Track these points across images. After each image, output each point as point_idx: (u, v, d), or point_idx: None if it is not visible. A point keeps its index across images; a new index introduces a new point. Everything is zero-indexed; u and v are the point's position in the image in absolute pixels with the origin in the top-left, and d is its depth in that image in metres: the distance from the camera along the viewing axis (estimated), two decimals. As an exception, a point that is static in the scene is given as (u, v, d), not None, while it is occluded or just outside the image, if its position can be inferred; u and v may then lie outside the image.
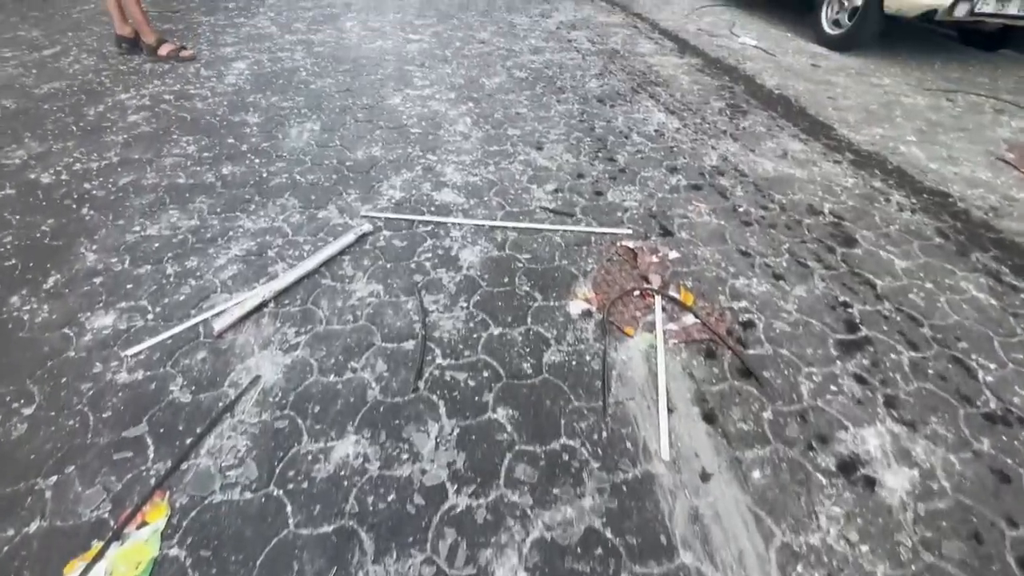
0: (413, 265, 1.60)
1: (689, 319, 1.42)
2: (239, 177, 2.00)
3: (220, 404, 1.16)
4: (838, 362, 1.33)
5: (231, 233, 1.70)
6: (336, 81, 2.92)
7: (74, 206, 1.81)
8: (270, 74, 2.99)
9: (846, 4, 3.59)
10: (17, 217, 1.76)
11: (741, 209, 1.92)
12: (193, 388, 1.20)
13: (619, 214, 1.87)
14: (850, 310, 1.49)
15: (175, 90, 2.74)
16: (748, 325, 1.41)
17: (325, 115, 2.53)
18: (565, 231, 1.77)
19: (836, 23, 3.70)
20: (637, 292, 1.50)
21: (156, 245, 1.64)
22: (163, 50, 3.10)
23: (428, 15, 4.25)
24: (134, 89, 2.73)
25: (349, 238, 1.66)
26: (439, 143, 2.32)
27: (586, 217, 1.85)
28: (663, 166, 2.20)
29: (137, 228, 1.71)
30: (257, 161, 2.11)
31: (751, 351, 1.34)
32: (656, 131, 2.49)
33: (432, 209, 1.87)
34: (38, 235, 1.68)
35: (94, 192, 1.89)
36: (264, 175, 2.02)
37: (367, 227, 1.72)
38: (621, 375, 1.26)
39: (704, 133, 2.49)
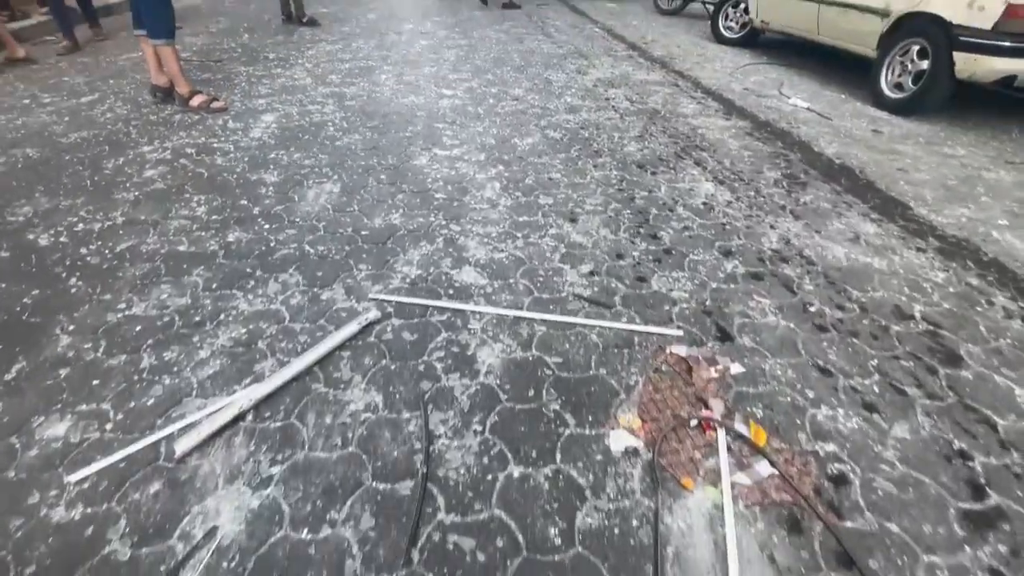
0: (422, 366, 1.35)
1: (763, 467, 1.11)
2: (244, 246, 1.83)
3: (161, 569, 0.91)
4: (966, 547, 0.99)
5: (222, 316, 1.50)
6: (363, 138, 2.81)
7: (64, 275, 1.66)
8: (297, 128, 2.91)
9: (909, 67, 3.35)
10: (3, 285, 1.61)
11: (813, 308, 1.63)
12: (136, 538, 0.96)
13: (666, 307, 1.61)
14: (970, 463, 1.16)
15: (199, 143, 2.66)
16: (840, 480, 1.10)
17: (347, 175, 2.38)
18: (603, 327, 1.50)
19: (898, 86, 3.45)
20: (695, 422, 1.21)
21: (138, 328, 1.45)
22: (195, 101, 3.08)
23: (463, 70, 4.21)
24: (158, 141, 2.67)
25: (352, 328, 1.43)
26: (464, 211, 2.12)
27: (627, 310, 1.59)
28: (715, 248, 1.93)
29: (122, 305, 1.54)
30: (267, 227, 1.95)
31: (849, 524, 1.02)
32: (704, 204, 2.24)
33: (450, 292, 1.64)
34: (18, 309, 1.52)
35: (89, 259, 1.74)
36: (271, 244, 1.85)
37: (374, 314, 1.50)
38: (679, 555, 0.96)
39: (760, 208, 2.23)
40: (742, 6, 5.17)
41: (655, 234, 2.00)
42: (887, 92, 3.51)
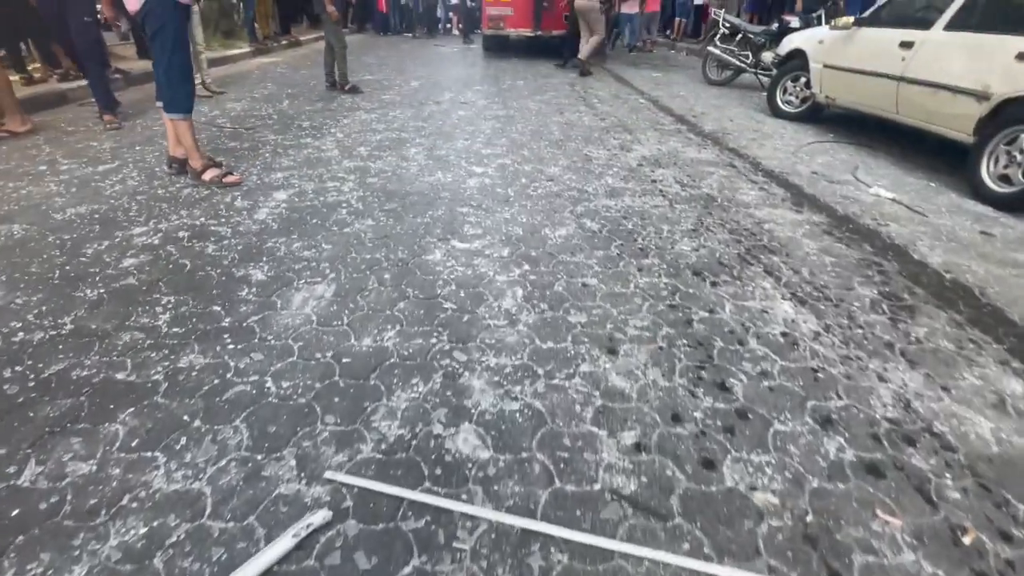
0: (376, 626, 0.89)
1: None
2: (194, 378, 1.46)
3: None
4: None
5: (125, 499, 1.10)
6: (376, 224, 2.50)
7: (-37, 410, 1.32)
8: (307, 209, 2.64)
9: (1019, 157, 2.82)
10: None
11: (967, 539, 1.08)
12: None
13: (748, 524, 1.09)
14: None
15: (196, 225, 2.41)
16: None
17: (346, 273, 2.04)
18: (654, 561, 1.01)
19: (1005, 179, 2.91)
20: None
21: (14, 513, 1.07)
22: (208, 175, 2.89)
23: (498, 143, 3.97)
24: (154, 221, 2.43)
25: (284, 545, 1.00)
26: (475, 329, 1.71)
27: (691, 524, 1.09)
28: (808, 410, 1.42)
29: (11, 468, 1.17)
30: (231, 347, 1.59)
31: None
32: (785, 335, 1.75)
33: (438, 471, 1.19)
34: None
35: (6, 386, 1.41)
36: (228, 375, 1.47)
37: (322, 516, 1.06)
38: None
39: (859, 345, 1.71)
40: (803, 80, 4.81)
41: (723, 382, 1.51)
42: (991, 184, 2.97)
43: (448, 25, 16.98)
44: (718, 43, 6.85)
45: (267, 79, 6.66)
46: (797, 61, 4.81)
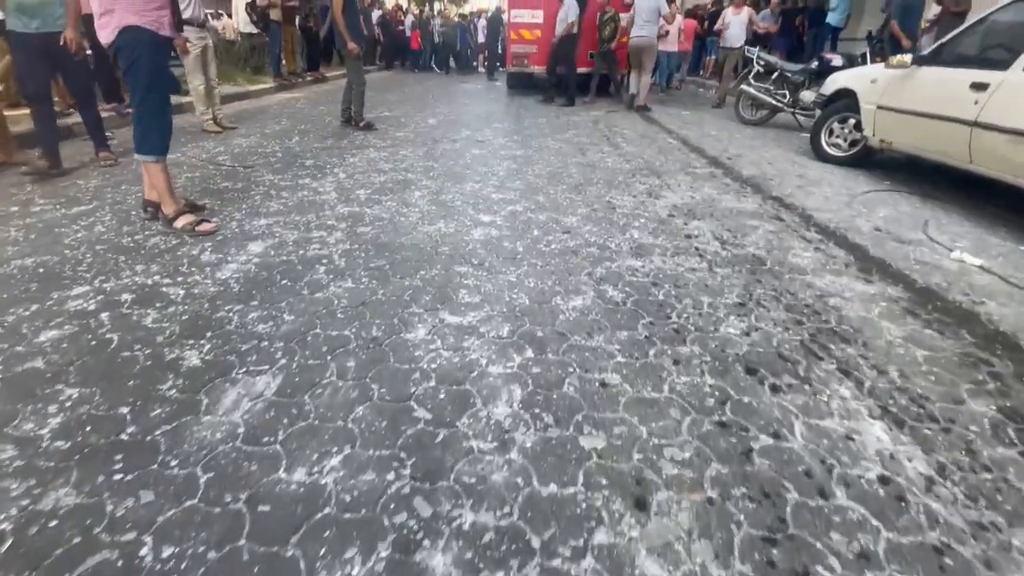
0: None
1: None
2: (49, 533, 1.04)
3: None
4: None
5: None
6: (356, 286, 2.11)
7: None
8: (280, 266, 2.27)
9: None
10: None
11: None
12: None
13: None
14: None
15: (146, 285, 2.06)
16: None
17: (300, 359, 1.63)
18: None
19: None
20: None
21: None
22: (180, 223, 2.58)
23: (511, 187, 3.60)
24: (101, 279, 2.10)
25: None
26: (451, 457, 1.26)
27: None
28: (947, 640, 0.91)
29: None
30: (118, 478, 1.17)
31: None
32: (884, 481, 1.24)
33: None
34: None
35: None
36: (96, 529, 1.05)
37: None
38: None
39: (991, 502, 1.19)
40: (851, 121, 4.35)
41: (806, 572, 1.02)
42: (1110, 251, 2.42)
43: (475, 63, 17.22)
44: (752, 81, 6.48)
45: (284, 114, 6.55)
46: (845, 101, 4.37)
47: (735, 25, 8.00)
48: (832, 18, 10.70)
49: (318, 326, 1.81)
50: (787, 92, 6.21)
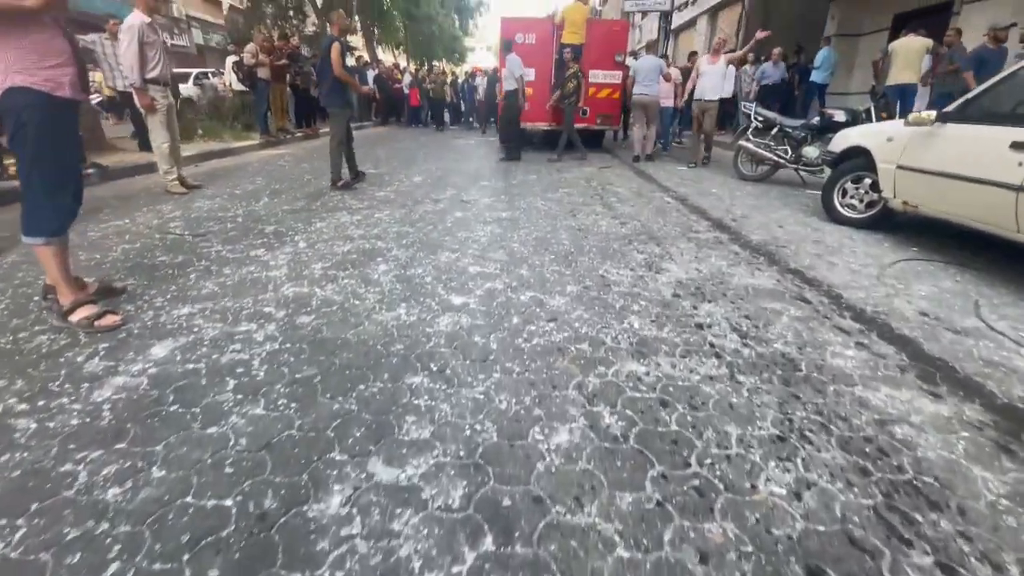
0: None
1: None
2: None
3: None
4: None
5: None
6: (266, 415, 1.60)
7: None
8: (181, 379, 1.77)
9: None
10: None
11: None
12: None
13: None
14: None
15: (-14, 415, 1.55)
16: None
17: (145, 559, 1.09)
18: None
19: None
20: None
21: None
22: (76, 316, 2.09)
23: (492, 258, 3.16)
24: (-69, 405, 1.58)
25: None
26: None
27: None
28: None
29: None
30: None
31: None
32: None
33: None
34: None
35: None
36: None
37: None
38: None
39: None
40: (867, 181, 3.98)
41: None
42: None
43: (471, 119, 17.45)
44: (751, 137, 6.23)
45: (262, 172, 6.25)
46: (858, 160, 4.02)
47: (712, 76, 6.98)
48: (817, 76, 10.80)
49: (191, 491, 1.28)
50: (788, 148, 5.93)
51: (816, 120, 5.73)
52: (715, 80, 7.02)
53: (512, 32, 8.80)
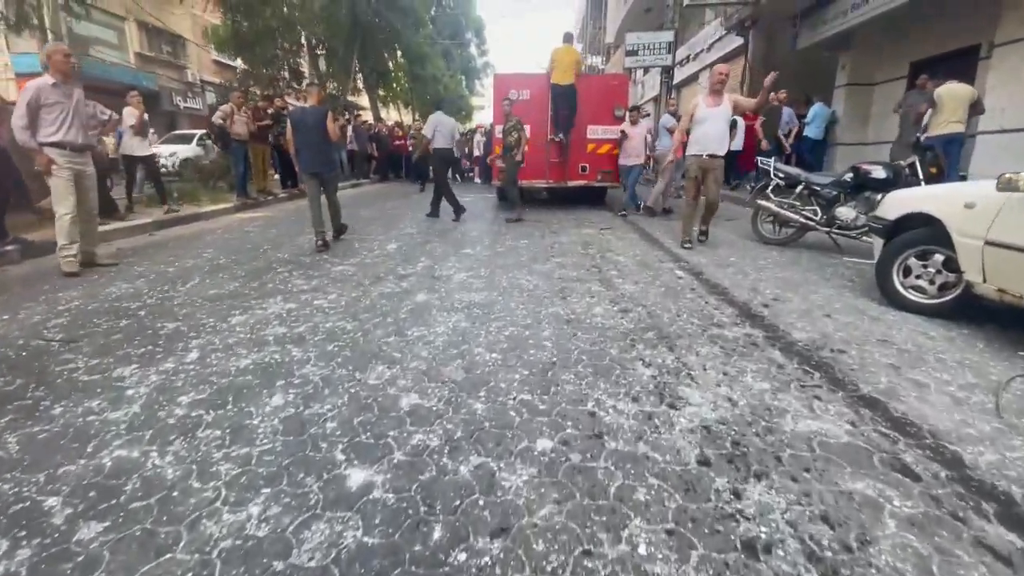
0: None
1: None
2: None
3: None
4: None
5: None
6: None
7: None
8: None
9: None
10: None
11: None
12: None
13: None
14: None
15: None
16: None
17: None
18: None
19: None
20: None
21: None
22: None
23: (441, 378, 2.29)
24: None
25: None
26: None
27: None
28: None
29: None
30: None
31: None
32: None
33: None
34: None
35: None
36: None
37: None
38: None
39: None
40: (937, 258, 3.10)
41: None
42: None
43: (471, 174, 17.17)
44: (772, 196, 5.44)
45: (220, 242, 5.55)
46: (923, 231, 3.15)
47: (715, 121, 5.00)
48: (810, 131, 10.25)
49: None
50: (818, 208, 5.11)
51: (849, 176, 4.93)
52: (719, 127, 5.02)
53: (506, 89, 8.38)
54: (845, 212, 4.88)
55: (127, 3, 19.26)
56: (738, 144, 9.30)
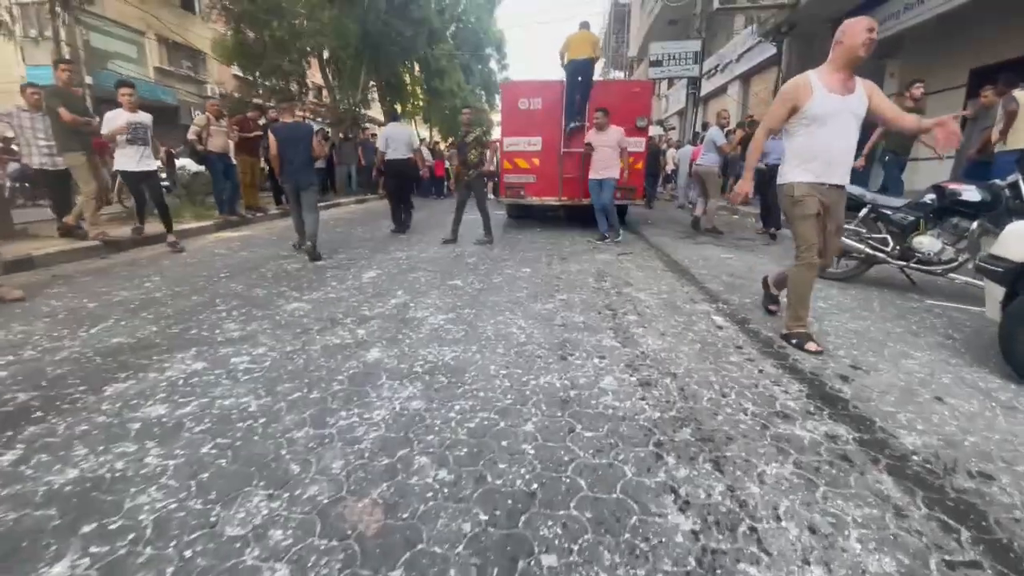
0: None
1: None
2: None
3: None
4: None
5: None
6: None
7: None
8: None
9: None
10: None
11: None
12: None
13: None
14: None
15: None
16: None
17: None
18: None
19: None
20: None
21: None
22: None
23: (326, 558, 1.41)
24: None
25: None
26: None
27: None
28: None
29: None
30: None
31: None
32: None
33: None
34: None
35: None
36: None
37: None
38: None
39: None
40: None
41: None
42: None
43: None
44: (828, 221, 4.45)
45: (170, 268, 4.82)
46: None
47: (844, 119, 3.82)
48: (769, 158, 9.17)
49: None
50: (889, 237, 4.12)
51: (931, 198, 3.93)
52: (850, 132, 3.04)
53: (515, 98, 7.62)
54: (927, 243, 3.87)
55: (148, 18, 19.45)
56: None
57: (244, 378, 2.37)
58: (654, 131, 8.74)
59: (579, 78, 7.18)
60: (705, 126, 9.34)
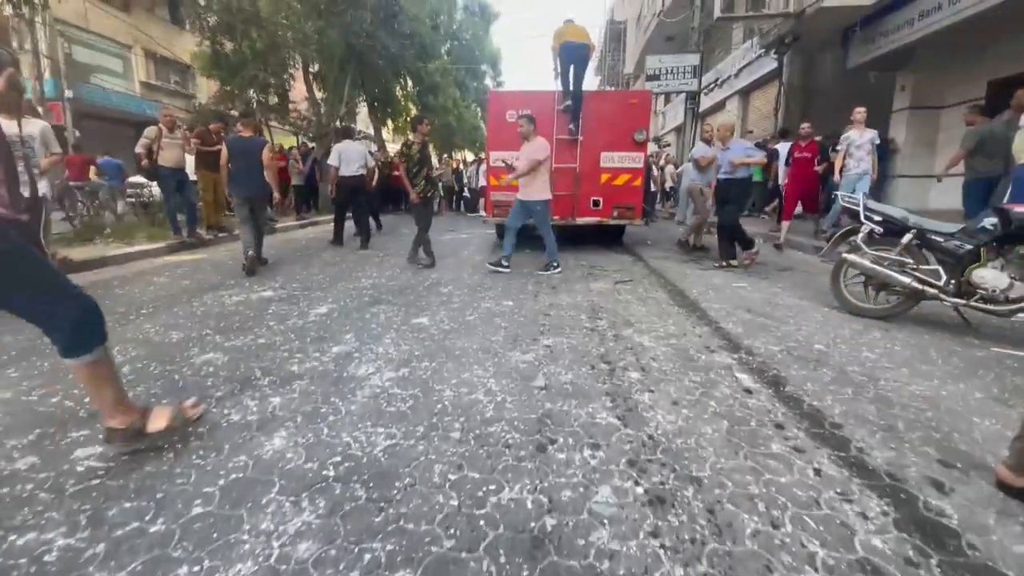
0: None
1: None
2: None
3: None
4: None
5: None
6: None
7: None
8: None
9: None
10: None
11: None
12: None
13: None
14: None
15: None
16: None
17: None
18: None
19: None
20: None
21: None
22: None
23: None
24: None
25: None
26: None
27: None
28: None
29: None
30: None
31: None
32: None
33: None
34: None
35: None
36: None
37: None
38: None
39: None
40: None
41: None
42: None
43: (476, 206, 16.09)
44: (865, 247, 3.76)
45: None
46: None
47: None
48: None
49: None
50: (941, 269, 3.41)
51: (992, 223, 3.23)
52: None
53: (503, 109, 6.99)
54: (991, 277, 3.17)
55: (135, 33, 18.99)
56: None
57: (73, 491, 1.61)
58: (650, 148, 8.26)
59: (572, 60, 6.60)
60: (708, 140, 8.75)
